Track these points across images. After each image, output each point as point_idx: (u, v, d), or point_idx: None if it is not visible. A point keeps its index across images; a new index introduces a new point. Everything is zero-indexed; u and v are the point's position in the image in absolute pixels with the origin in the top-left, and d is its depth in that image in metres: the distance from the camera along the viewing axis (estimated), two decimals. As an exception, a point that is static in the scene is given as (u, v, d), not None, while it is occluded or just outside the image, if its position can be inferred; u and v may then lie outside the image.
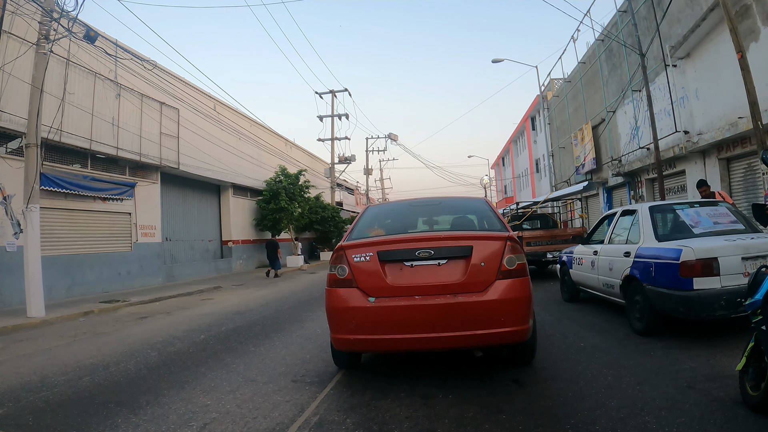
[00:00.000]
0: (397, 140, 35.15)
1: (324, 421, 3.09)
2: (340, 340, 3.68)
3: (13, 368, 5.00)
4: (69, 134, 11.16)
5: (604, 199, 18.43)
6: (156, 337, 6.36)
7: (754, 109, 7.08)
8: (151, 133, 14.22)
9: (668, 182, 12.90)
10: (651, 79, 12.35)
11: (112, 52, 12.37)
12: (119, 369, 4.74)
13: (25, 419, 3.42)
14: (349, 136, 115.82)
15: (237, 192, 20.78)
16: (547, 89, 26.35)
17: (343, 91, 27.95)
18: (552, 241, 10.96)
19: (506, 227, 4.04)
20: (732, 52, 7.47)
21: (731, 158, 10.42)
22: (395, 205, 5.67)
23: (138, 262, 13.97)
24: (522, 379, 3.67)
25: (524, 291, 3.52)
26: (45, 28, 8.72)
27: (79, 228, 12.13)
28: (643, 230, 5.19)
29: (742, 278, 4.12)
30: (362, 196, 40.06)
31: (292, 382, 4.01)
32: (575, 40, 19.32)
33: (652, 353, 4.15)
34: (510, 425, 2.85)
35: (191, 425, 3.14)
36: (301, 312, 8.05)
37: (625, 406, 3.00)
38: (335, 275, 3.70)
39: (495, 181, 48.47)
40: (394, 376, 3.98)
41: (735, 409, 2.82)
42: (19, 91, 9.43)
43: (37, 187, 8.69)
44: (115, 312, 9.36)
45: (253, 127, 20.94)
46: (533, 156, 32.49)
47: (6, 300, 9.70)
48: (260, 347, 5.42)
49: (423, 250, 3.57)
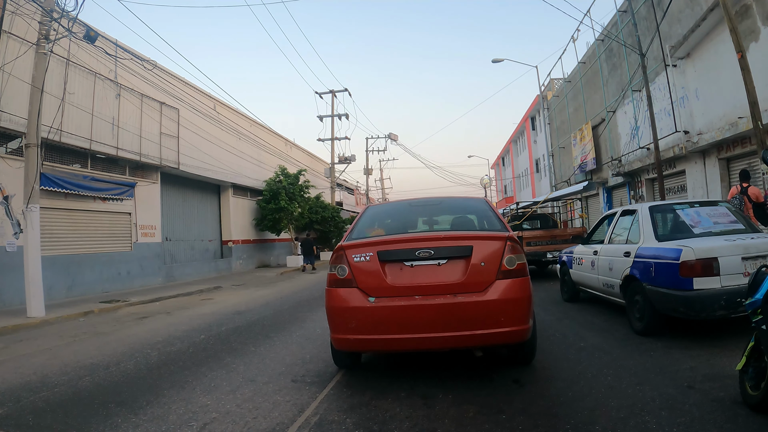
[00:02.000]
0: (397, 140, 35.16)
1: (324, 421, 3.09)
2: (340, 340, 3.68)
3: (13, 368, 4.99)
4: (69, 134, 11.16)
5: (604, 199, 18.43)
6: (156, 337, 6.36)
7: (754, 109, 7.08)
8: (151, 133, 14.22)
9: (668, 182, 12.90)
10: (651, 79, 12.35)
11: (112, 52, 12.36)
12: (119, 369, 4.73)
13: (25, 419, 3.42)
14: (349, 136, 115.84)
15: (237, 192, 20.79)
16: (547, 89, 26.35)
17: (343, 91, 27.96)
18: (552, 241, 10.96)
19: (506, 227, 4.04)
20: (732, 52, 7.47)
21: (731, 158, 10.42)
22: (395, 205, 5.67)
23: (138, 262, 13.97)
24: (522, 379, 3.67)
25: (524, 291, 3.52)
26: (45, 28, 8.72)
27: (79, 228, 12.13)
28: (643, 230, 5.19)
29: (742, 278, 4.12)
30: (362, 196, 40.06)
31: (292, 382, 4.01)
32: (575, 40, 19.30)
33: (652, 353, 4.15)
34: (510, 425, 2.85)
35: (191, 425, 3.14)
36: (301, 312, 8.05)
37: (625, 406, 3.00)
38: (335, 275, 3.69)
39: (495, 181, 48.46)
40: (394, 376, 3.98)
41: (735, 409, 2.82)
42: (19, 91, 9.42)
43: (37, 187, 8.69)
44: (115, 312, 9.36)
45: (253, 127, 20.94)
46: (533, 156, 32.48)
47: (6, 300, 9.70)
48: (260, 347, 5.42)
49: (423, 250, 3.57)
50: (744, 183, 7.42)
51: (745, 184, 7.38)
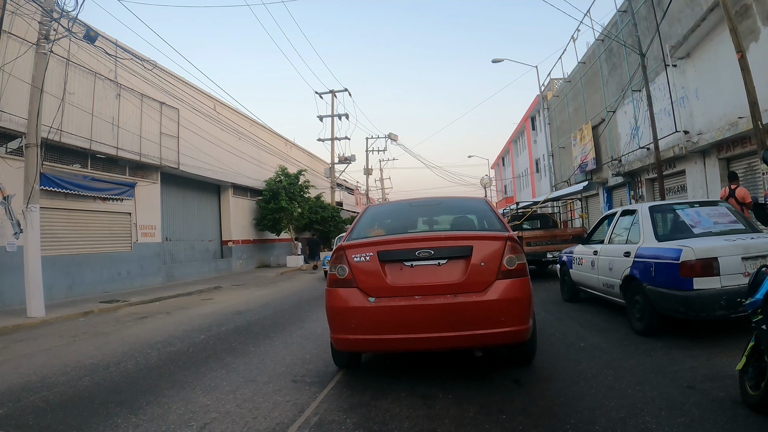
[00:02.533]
0: (397, 140, 35.16)
1: (324, 421, 3.09)
2: (340, 340, 3.68)
3: (13, 368, 4.99)
4: (69, 134, 11.16)
5: (604, 199, 18.43)
6: (156, 337, 6.36)
7: (754, 109, 7.08)
8: (151, 133, 14.22)
9: (668, 182, 12.90)
10: (651, 79, 12.35)
11: (112, 52, 12.36)
12: (119, 369, 4.73)
13: (25, 419, 3.42)
14: (349, 136, 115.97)
15: (237, 192, 20.79)
16: (547, 89, 26.35)
17: (343, 91, 27.96)
18: (552, 241, 10.96)
19: (506, 227, 4.04)
20: (732, 52, 7.47)
21: (731, 158, 10.42)
22: (395, 205, 5.67)
23: (138, 262, 13.97)
24: (522, 379, 3.67)
25: (524, 291, 3.52)
26: (45, 28, 8.72)
27: (79, 228, 12.13)
28: (643, 230, 5.18)
29: (742, 278, 4.12)
30: (362, 196, 40.06)
31: (292, 382, 4.01)
32: (575, 40, 19.32)
33: (652, 353, 4.15)
34: (510, 425, 2.85)
35: (191, 425, 3.14)
36: (301, 312, 8.05)
37: (625, 406, 3.00)
38: (335, 275, 3.69)
39: (495, 181, 48.46)
40: (394, 376, 3.98)
41: (735, 409, 2.82)
42: (19, 91, 9.42)
43: (37, 187, 8.69)
44: (115, 312, 9.36)
45: (253, 127, 20.94)
46: (533, 156, 32.48)
47: (6, 300, 9.70)
48: (260, 347, 5.42)
49: (423, 250, 3.57)
50: (732, 185, 7.45)
51: (733, 186, 7.41)
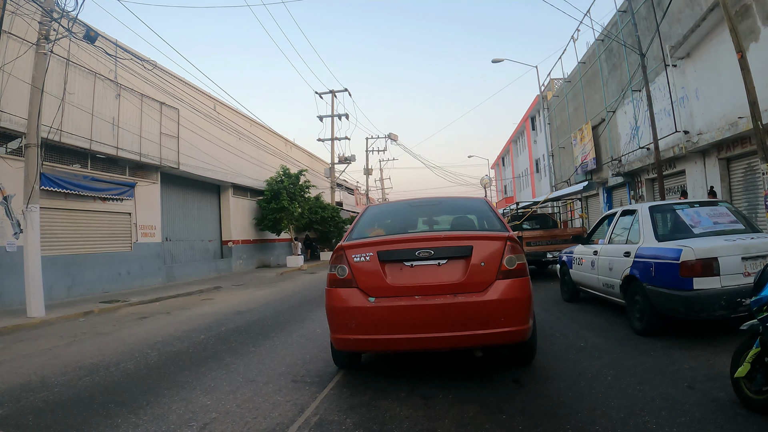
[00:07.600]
0: (397, 140, 35.14)
1: (324, 421, 3.09)
2: (340, 340, 3.67)
3: (13, 368, 4.99)
4: (69, 134, 11.16)
5: (604, 199, 18.44)
6: (156, 337, 6.35)
7: (754, 109, 7.08)
8: (151, 133, 14.21)
9: (668, 182, 12.90)
10: (651, 79, 12.35)
11: (112, 52, 12.36)
12: (119, 369, 4.73)
13: (25, 419, 3.42)
14: (349, 136, 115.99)
15: (237, 192, 20.78)
16: (547, 89, 26.36)
17: (343, 91, 27.94)
18: (552, 241, 10.96)
19: (506, 227, 4.04)
20: (732, 52, 7.47)
21: (731, 158, 10.42)
22: (395, 205, 5.66)
23: (138, 262, 13.97)
24: (522, 379, 3.67)
25: (524, 291, 3.52)
26: (45, 28, 8.72)
27: (79, 228, 12.12)
28: (643, 230, 5.19)
29: (742, 278, 4.13)
30: (362, 196, 40.05)
31: (292, 382, 4.01)
32: (575, 40, 19.35)
33: (652, 353, 4.15)
34: (510, 425, 2.85)
35: (191, 425, 3.14)
36: (301, 312, 8.05)
37: (625, 406, 3.00)
38: (335, 275, 3.69)
39: (495, 181, 48.46)
40: (394, 376, 3.98)
41: (735, 409, 2.82)
42: (19, 91, 9.42)
43: (37, 187, 8.69)
44: (115, 312, 9.36)
45: (253, 127, 20.93)
46: (533, 156, 32.48)
47: (6, 300, 9.69)
48: (260, 347, 5.42)
49: (423, 250, 3.57)
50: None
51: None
